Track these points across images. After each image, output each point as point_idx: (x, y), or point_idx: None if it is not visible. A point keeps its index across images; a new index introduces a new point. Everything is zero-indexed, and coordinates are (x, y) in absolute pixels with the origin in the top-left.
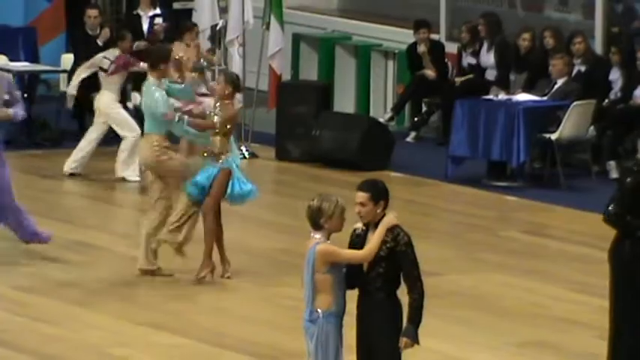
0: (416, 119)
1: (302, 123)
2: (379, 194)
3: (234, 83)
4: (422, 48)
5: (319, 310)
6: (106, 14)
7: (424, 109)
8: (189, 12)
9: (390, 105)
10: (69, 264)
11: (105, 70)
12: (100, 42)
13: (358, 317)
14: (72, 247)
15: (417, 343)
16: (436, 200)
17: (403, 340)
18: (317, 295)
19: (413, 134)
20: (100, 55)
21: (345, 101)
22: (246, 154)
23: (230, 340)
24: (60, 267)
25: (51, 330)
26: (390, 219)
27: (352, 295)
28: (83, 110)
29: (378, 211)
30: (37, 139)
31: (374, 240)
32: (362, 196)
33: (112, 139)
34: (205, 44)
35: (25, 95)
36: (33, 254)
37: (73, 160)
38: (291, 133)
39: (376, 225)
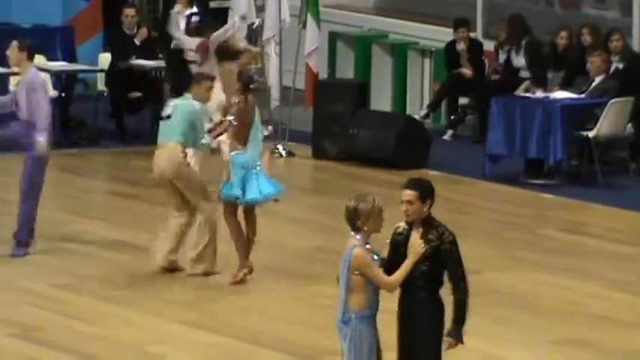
0: (452, 117)
1: (339, 121)
2: (426, 193)
3: (244, 82)
4: (461, 46)
5: (352, 311)
6: (143, 13)
7: (460, 108)
8: (225, 10)
9: (426, 103)
10: (105, 262)
11: (195, 62)
12: (137, 41)
13: (399, 315)
14: (109, 245)
15: (462, 342)
16: (473, 198)
17: (448, 341)
18: (350, 295)
19: (450, 132)
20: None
21: (381, 99)
22: (283, 152)
23: (266, 339)
24: (96, 265)
25: (87, 328)
26: (418, 249)
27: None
28: (120, 109)
29: (425, 209)
30: (74, 138)
31: (402, 269)
32: (410, 194)
33: (150, 136)
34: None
35: (63, 94)
36: (70, 252)
37: None
38: (328, 131)
39: (420, 223)
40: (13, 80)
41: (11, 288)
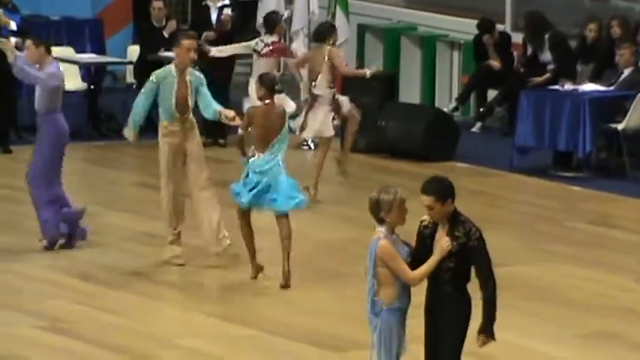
0: (481, 109)
1: (367, 114)
2: (444, 193)
3: (267, 85)
4: (489, 40)
5: (382, 303)
6: (172, 6)
7: (489, 99)
8: (255, 3)
9: (455, 95)
10: (135, 255)
11: (258, 53)
12: (165, 34)
13: (426, 309)
14: (138, 237)
15: (494, 339)
16: (502, 191)
17: (481, 338)
18: (380, 287)
19: (478, 124)
20: (258, 38)
21: (410, 92)
22: (312, 145)
23: (297, 331)
24: (126, 258)
25: (117, 321)
26: (444, 246)
27: (421, 288)
28: None
29: (447, 208)
30: (103, 130)
31: (428, 265)
32: (427, 199)
33: None
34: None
35: (92, 87)
36: (99, 245)
37: None
38: None
39: (446, 220)
40: None
41: (41, 280)
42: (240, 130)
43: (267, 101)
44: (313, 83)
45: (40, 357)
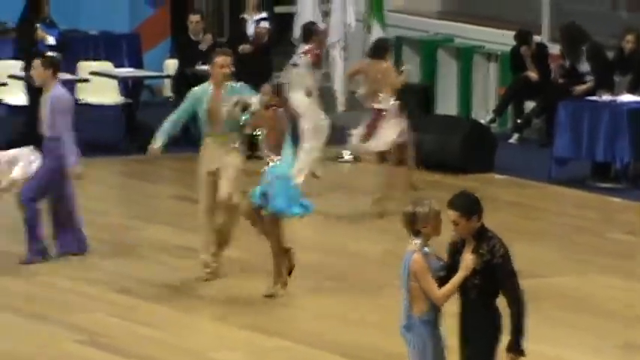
0: (519, 121)
1: None
2: (469, 209)
3: (273, 90)
4: (526, 51)
5: (414, 317)
6: (209, 19)
7: (526, 111)
8: (291, 16)
9: (492, 107)
10: (172, 268)
11: (295, 65)
12: (202, 47)
13: (459, 323)
14: (175, 251)
15: (523, 355)
16: (540, 202)
17: (509, 356)
18: (412, 301)
19: (516, 136)
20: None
21: (447, 103)
22: (349, 157)
23: (334, 344)
24: (163, 271)
25: (154, 334)
26: (467, 264)
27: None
28: None
29: (472, 224)
30: (140, 144)
31: (452, 283)
32: (452, 214)
33: None
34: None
35: (129, 101)
36: (137, 258)
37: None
38: None
39: (473, 237)
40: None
41: (79, 294)
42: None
43: (272, 106)
44: (379, 97)
45: None
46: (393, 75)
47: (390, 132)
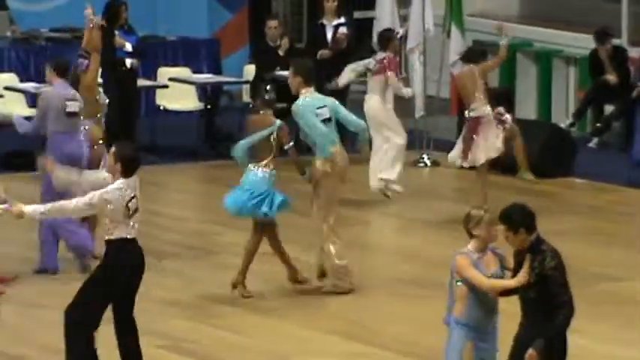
0: (598, 125)
1: None
2: (516, 223)
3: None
4: (603, 54)
5: (453, 316)
6: (287, 25)
7: (606, 115)
8: (370, 21)
9: (571, 111)
10: (255, 273)
11: (370, 71)
12: (280, 52)
13: (518, 333)
14: (258, 257)
15: (538, 353)
16: (619, 206)
17: (528, 352)
18: (456, 301)
19: (595, 140)
20: (372, 57)
21: (526, 108)
22: (428, 161)
23: (418, 349)
24: (247, 276)
25: (239, 340)
26: (520, 279)
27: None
28: None
29: (521, 237)
30: (220, 149)
31: (503, 283)
32: (500, 228)
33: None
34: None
35: (208, 106)
36: (219, 264)
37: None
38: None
39: (528, 250)
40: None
41: (161, 300)
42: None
43: (261, 112)
44: (472, 106)
45: None
46: (490, 67)
47: (490, 141)
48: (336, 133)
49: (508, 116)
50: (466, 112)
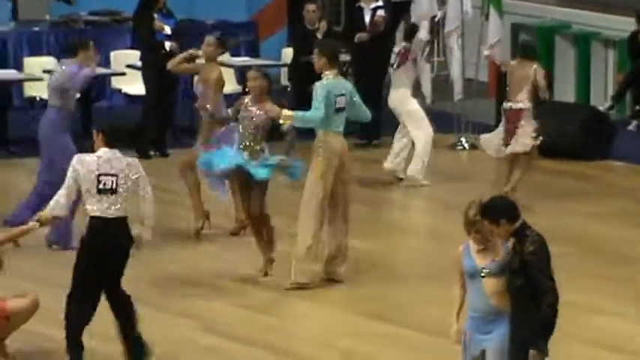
0: (637, 108)
1: None
2: (495, 216)
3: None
4: None
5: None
6: (325, 8)
7: None
8: (408, 4)
9: (610, 94)
10: (286, 255)
11: (391, 66)
12: (318, 35)
13: (510, 322)
14: (285, 238)
15: (546, 355)
16: None
17: (532, 355)
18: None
19: (634, 123)
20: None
21: (565, 90)
22: (466, 145)
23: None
24: (277, 258)
25: (270, 320)
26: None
27: None
28: (301, 102)
29: (505, 228)
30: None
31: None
32: (484, 221)
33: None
34: (424, 36)
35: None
36: (246, 246)
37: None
38: None
39: (512, 235)
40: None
41: (193, 281)
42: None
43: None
44: (518, 98)
45: (197, 357)
46: (540, 77)
47: (528, 133)
48: (344, 124)
49: None
50: (508, 103)
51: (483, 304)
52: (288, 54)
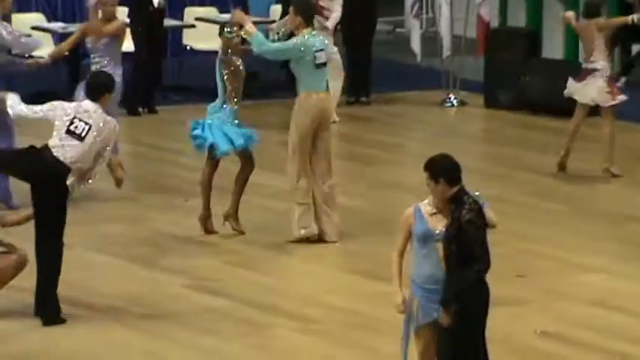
0: (625, 64)
1: (510, 70)
2: (435, 173)
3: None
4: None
5: None
6: None
7: (634, 53)
8: None
9: None
10: (280, 213)
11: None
12: None
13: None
14: (282, 195)
15: (449, 310)
16: None
17: (439, 314)
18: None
19: (623, 79)
20: None
21: (553, 47)
22: (455, 102)
23: None
24: (271, 216)
25: (263, 279)
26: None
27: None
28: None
29: (441, 188)
30: (246, 90)
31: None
32: (424, 175)
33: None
34: None
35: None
36: (244, 203)
37: None
38: (500, 80)
39: (450, 201)
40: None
41: (186, 239)
42: None
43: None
44: (592, 58)
45: (188, 314)
46: (608, 23)
47: (595, 88)
48: (326, 81)
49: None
50: (584, 63)
51: (435, 269)
52: (276, 11)
